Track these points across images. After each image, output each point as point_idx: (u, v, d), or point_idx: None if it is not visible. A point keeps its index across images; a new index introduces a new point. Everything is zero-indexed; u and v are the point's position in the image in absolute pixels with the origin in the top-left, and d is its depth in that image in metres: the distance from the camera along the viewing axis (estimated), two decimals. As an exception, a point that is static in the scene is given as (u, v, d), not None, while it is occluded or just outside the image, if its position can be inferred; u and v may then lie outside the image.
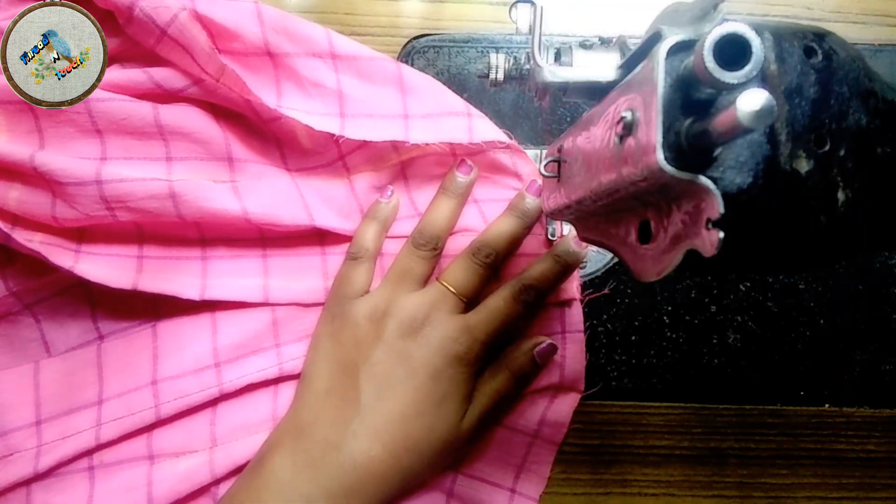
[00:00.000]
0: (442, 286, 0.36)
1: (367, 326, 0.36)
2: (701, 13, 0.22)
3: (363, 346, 0.35)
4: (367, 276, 0.38)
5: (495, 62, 0.32)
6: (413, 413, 0.34)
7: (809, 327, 0.42)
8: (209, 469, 0.36)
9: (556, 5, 0.42)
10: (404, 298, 0.36)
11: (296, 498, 0.33)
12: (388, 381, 0.34)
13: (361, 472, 0.33)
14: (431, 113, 0.37)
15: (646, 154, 0.20)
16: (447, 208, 0.38)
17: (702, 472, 0.41)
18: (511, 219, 0.38)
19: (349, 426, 0.34)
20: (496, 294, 0.37)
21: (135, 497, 0.35)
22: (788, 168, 0.20)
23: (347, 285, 0.37)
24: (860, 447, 0.41)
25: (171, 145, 0.36)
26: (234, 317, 0.37)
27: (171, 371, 0.36)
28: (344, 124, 0.36)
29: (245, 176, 0.37)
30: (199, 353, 0.36)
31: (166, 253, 0.37)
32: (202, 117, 0.36)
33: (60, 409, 0.36)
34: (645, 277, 0.23)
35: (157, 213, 0.34)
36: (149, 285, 0.35)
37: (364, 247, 0.38)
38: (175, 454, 0.36)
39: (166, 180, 0.34)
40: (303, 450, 0.34)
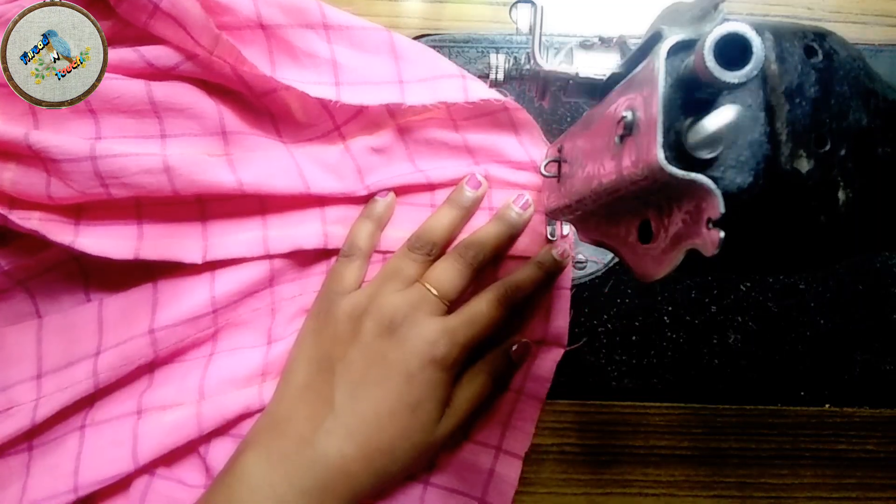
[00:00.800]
0: (424, 287, 0.36)
1: (346, 324, 0.36)
2: (701, 13, 0.22)
3: (341, 344, 0.35)
4: (358, 274, 0.38)
5: (495, 62, 0.32)
6: (386, 415, 0.34)
7: (810, 327, 0.42)
8: (196, 422, 0.36)
9: (556, 5, 0.42)
10: (386, 297, 0.36)
11: (268, 494, 0.33)
12: (363, 382, 0.34)
13: (334, 471, 0.33)
14: (426, 77, 0.37)
15: (646, 154, 0.20)
16: (448, 218, 0.38)
17: (702, 473, 0.41)
18: (499, 226, 0.38)
19: (323, 424, 0.34)
20: (478, 298, 0.36)
21: (120, 452, 0.35)
22: (789, 168, 0.20)
23: (337, 282, 0.37)
24: (860, 447, 0.41)
25: (165, 122, 0.36)
26: (233, 271, 0.37)
27: (169, 320, 0.36)
28: (339, 91, 0.36)
29: (239, 149, 0.37)
30: (197, 303, 0.36)
31: (166, 222, 0.37)
32: (195, 92, 0.36)
33: (60, 362, 0.36)
34: (645, 277, 0.23)
35: (153, 188, 0.34)
36: (150, 253, 0.35)
37: (357, 245, 0.38)
38: (162, 407, 0.36)
39: (160, 154, 0.34)
40: (277, 446, 0.34)
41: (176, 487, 0.36)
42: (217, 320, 0.37)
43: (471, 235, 0.38)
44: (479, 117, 0.39)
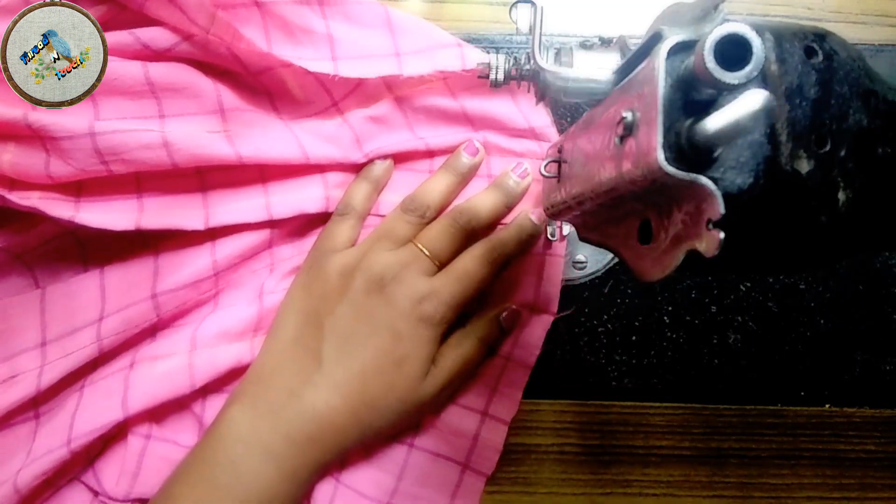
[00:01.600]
0: (415, 247, 0.36)
1: (336, 280, 0.36)
2: (701, 13, 0.22)
3: (330, 300, 0.36)
4: (351, 233, 0.38)
5: (495, 63, 0.32)
6: (372, 370, 0.34)
7: (810, 327, 0.42)
8: (188, 373, 0.36)
9: (556, 5, 0.42)
10: (376, 255, 0.36)
11: (255, 445, 0.33)
12: (350, 337, 0.35)
13: (320, 421, 0.34)
14: (422, 48, 0.38)
15: (646, 154, 0.20)
16: (444, 183, 0.38)
17: (702, 473, 0.41)
18: (495, 194, 0.38)
19: (311, 377, 0.34)
20: (464, 256, 0.37)
21: (110, 402, 0.35)
22: (789, 168, 0.20)
23: (329, 239, 0.38)
24: (861, 447, 0.41)
25: (163, 102, 0.36)
26: (234, 238, 0.38)
27: (171, 285, 0.36)
28: (337, 66, 0.36)
29: (238, 125, 0.37)
30: (199, 268, 0.37)
31: (166, 194, 0.37)
32: (192, 72, 0.36)
33: (64, 330, 0.36)
34: (646, 278, 0.23)
35: (152, 163, 0.34)
36: (152, 222, 0.36)
37: (351, 205, 0.38)
38: (154, 358, 0.36)
39: (159, 130, 0.34)
40: (263, 398, 0.34)
41: (172, 449, 0.37)
42: (218, 283, 0.38)
43: (466, 201, 0.38)
44: (477, 87, 0.39)
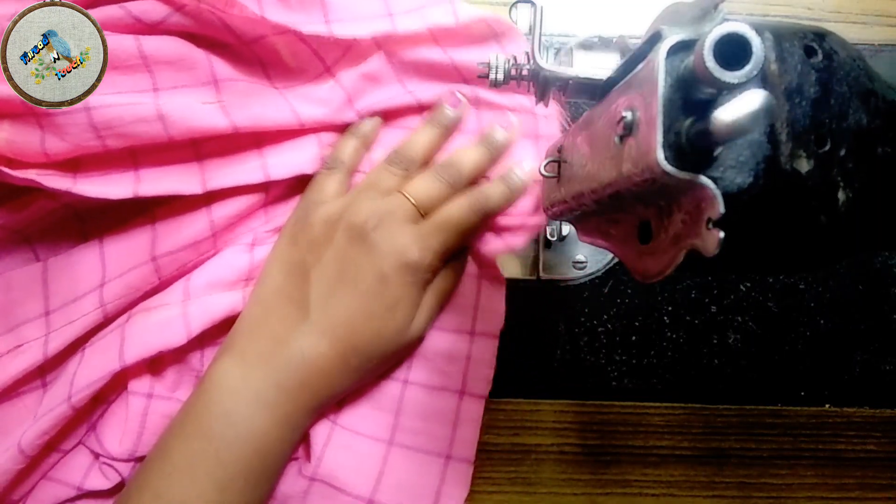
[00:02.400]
0: (401, 195, 0.36)
1: (321, 229, 0.36)
2: (701, 13, 0.22)
3: (316, 248, 0.36)
4: (338, 186, 0.38)
5: (495, 62, 0.32)
6: (361, 317, 0.35)
7: (810, 327, 0.42)
8: (183, 323, 0.36)
9: (556, 5, 0.42)
10: (361, 203, 0.36)
11: (246, 394, 0.33)
12: (337, 284, 0.35)
13: (310, 366, 0.34)
14: (414, 7, 0.38)
15: (646, 154, 0.20)
16: (428, 137, 0.38)
17: (702, 473, 0.41)
18: (481, 149, 0.38)
19: (299, 325, 0.35)
20: (450, 203, 0.37)
21: (107, 355, 0.35)
22: (789, 168, 0.20)
23: (316, 191, 0.38)
24: (860, 447, 0.41)
25: (156, 76, 0.36)
26: (231, 200, 0.38)
27: (170, 247, 0.37)
28: (330, 29, 0.37)
29: (232, 95, 0.37)
30: (197, 230, 0.37)
31: (162, 165, 0.37)
32: (185, 45, 0.36)
33: (67, 298, 0.37)
34: (645, 278, 0.23)
35: (148, 136, 0.34)
36: (149, 189, 0.36)
37: (339, 159, 0.38)
38: (147, 309, 0.37)
39: (154, 103, 0.34)
40: (253, 348, 0.35)
41: (175, 406, 0.37)
42: (216, 243, 0.38)
43: (451, 155, 0.38)
44: (467, 41, 0.39)
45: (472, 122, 0.40)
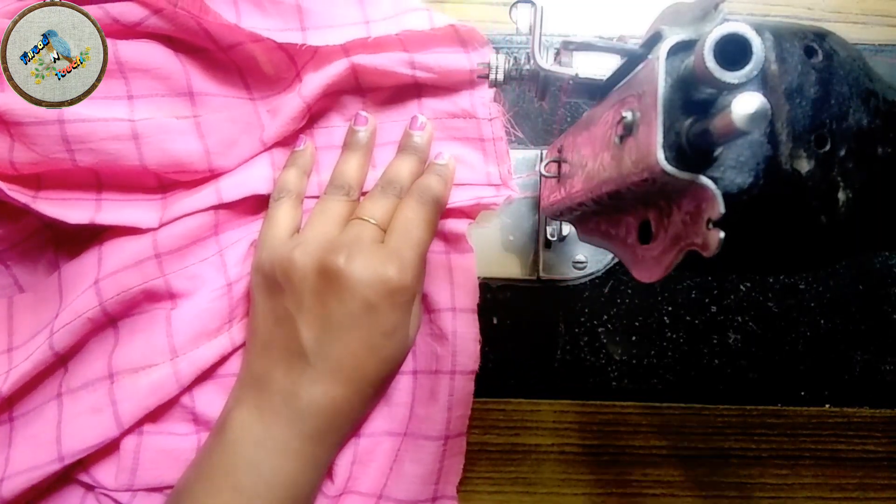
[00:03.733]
0: (361, 220, 0.36)
1: (293, 274, 0.35)
2: (701, 13, 0.22)
3: (293, 295, 0.35)
4: (293, 214, 0.38)
5: (495, 62, 0.32)
6: (362, 351, 0.34)
7: (810, 327, 0.42)
8: (175, 379, 0.36)
9: (556, 5, 0.42)
10: (325, 238, 0.36)
11: (271, 445, 0.33)
12: (328, 326, 0.34)
13: (326, 413, 0.34)
14: (391, 15, 0.38)
15: (646, 154, 0.20)
16: (354, 162, 0.39)
17: (702, 473, 0.41)
18: (410, 156, 0.39)
19: (303, 376, 0.34)
20: (400, 210, 0.37)
21: (102, 418, 0.35)
22: (789, 168, 0.20)
23: (274, 226, 0.38)
24: (860, 447, 0.41)
25: (131, 83, 0.35)
26: (177, 223, 0.37)
27: (112, 269, 0.36)
28: (306, 36, 0.37)
29: (207, 110, 0.37)
30: (139, 249, 0.36)
31: (126, 193, 0.37)
32: (162, 51, 0.36)
33: (29, 334, 0.37)
34: (645, 278, 0.23)
35: (118, 155, 0.34)
36: (107, 218, 0.36)
37: (286, 188, 0.38)
38: (134, 370, 0.36)
39: (129, 120, 0.34)
40: (266, 403, 0.34)
41: (167, 439, 0.37)
42: (163, 267, 0.37)
43: (389, 171, 0.39)
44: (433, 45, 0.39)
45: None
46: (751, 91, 0.17)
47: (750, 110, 0.16)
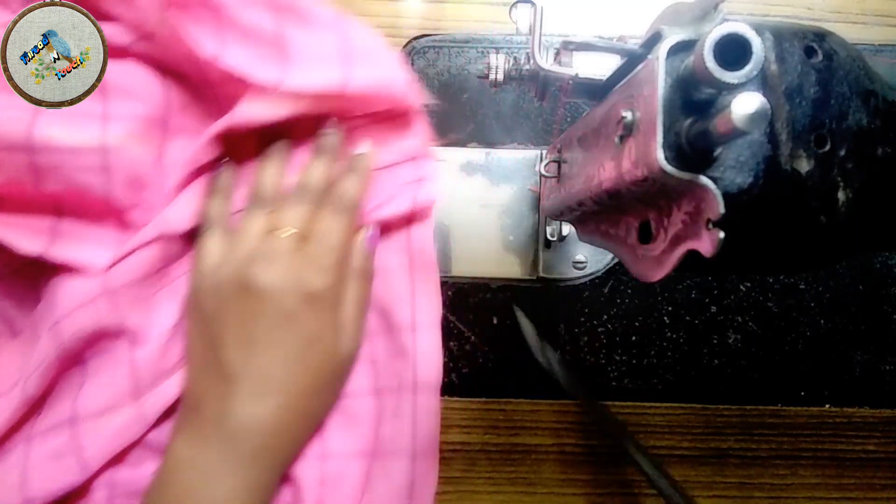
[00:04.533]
0: (278, 230, 0.36)
1: (214, 296, 0.35)
2: (701, 13, 0.22)
3: (218, 316, 0.35)
4: (220, 243, 0.38)
5: (495, 62, 0.32)
6: (289, 362, 0.34)
7: (810, 327, 0.42)
8: (141, 420, 0.36)
9: (556, 6, 0.42)
10: (245, 256, 0.36)
11: (208, 470, 0.33)
12: (251, 341, 0.34)
13: (257, 432, 0.33)
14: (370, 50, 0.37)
15: (646, 154, 0.20)
16: (272, 170, 0.39)
17: (702, 473, 0.41)
18: (322, 158, 0.39)
19: (232, 396, 0.34)
20: (318, 218, 0.37)
21: (66, 463, 0.35)
22: (789, 168, 0.20)
23: (202, 259, 0.37)
24: (861, 447, 0.41)
25: (109, 104, 0.35)
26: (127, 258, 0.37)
27: (66, 309, 0.35)
28: (283, 75, 0.36)
29: (174, 147, 0.37)
30: (90, 287, 0.36)
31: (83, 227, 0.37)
32: (147, 77, 0.36)
33: (14, 380, 0.36)
34: (645, 278, 0.23)
35: (86, 186, 0.34)
36: (59, 254, 0.35)
37: (211, 217, 0.38)
38: (100, 413, 0.36)
39: (101, 149, 0.34)
40: (200, 429, 0.34)
41: (141, 479, 0.36)
42: (117, 305, 0.36)
43: (301, 177, 0.38)
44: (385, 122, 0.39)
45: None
46: (750, 91, 0.17)
47: (750, 110, 0.16)
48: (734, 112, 0.16)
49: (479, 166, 0.43)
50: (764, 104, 0.16)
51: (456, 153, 0.43)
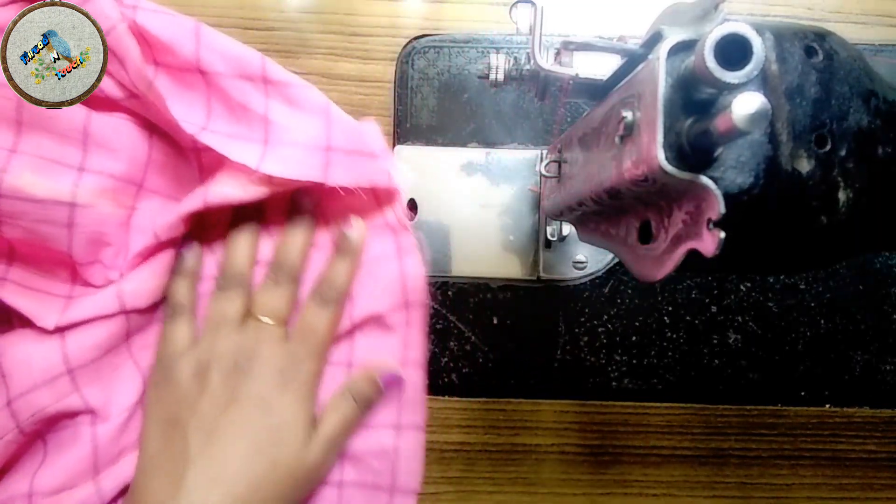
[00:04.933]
0: (257, 320, 0.35)
1: (190, 383, 0.34)
2: (702, 13, 0.22)
3: (189, 402, 0.34)
4: (188, 330, 0.36)
5: (495, 63, 0.32)
6: (249, 452, 0.32)
7: (810, 327, 0.42)
8: (97, 498, 0.34)
9: (556, 6, 0.42)
10: (223, 343, 0.35)
11: None
12: (218, 426, 0.33)
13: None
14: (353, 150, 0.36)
15: (647, 154, 0.20)
16: (244, 247, 0.37)
17: (702, 473, 0.41)
18: (296, 232, 0.37)
19: (182, 481, 0.32)
20: (304, 311, 0.36)
21: None
22: (789, 168, 0.20)
23: (169, 344, 0.36)
24: (861, 447, 0.41)
25: (88, 156, 0.34)
26: (85, 329, 0.35)
27: (23, 388, 0.34)
28: (265, 152, 0.35)
29: (144, 208, 0.36)
30: (49, 365, 0.35)
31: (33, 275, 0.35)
32: (132, 134, 0.35)
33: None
34: (646, 278, 0.23)
35: (47, 238, 0.33)
36: (6, 297, 0.34)
37: (178, 302, 0.37)
38: (56, 491, 0.35)
39: (69, 204, 0.33)
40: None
41: None
42: (77, 383, 0.35)
43: (278, 254, 0.37)
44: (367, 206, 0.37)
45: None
46: (751, 91, 0.17)
47: (750, 110, 0.16)
48: (735, 112, 0.16)
49: (480, 166, 0.43)
50: (764, 104, 0.16)
51: (456, 153, 0.43)
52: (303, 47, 0.43)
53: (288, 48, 0.41)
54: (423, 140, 0.43)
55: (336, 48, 0.44)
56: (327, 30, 0.44)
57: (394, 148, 0.43)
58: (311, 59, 0.43)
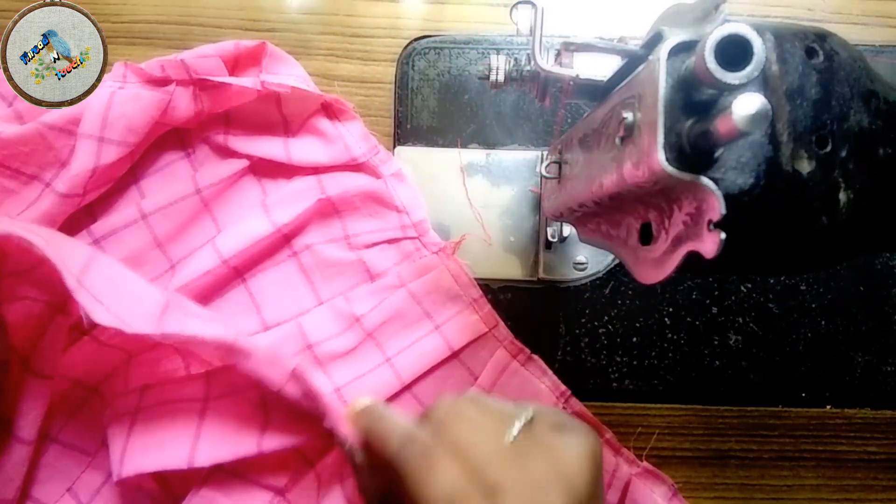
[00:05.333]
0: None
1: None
2: (702, 14, 0.22)
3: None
4: None
5: (496, 64, 0.32)
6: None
7: (811, 329, 0.42)
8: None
9: (556, 7, 0.42)
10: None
11: None
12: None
13: None
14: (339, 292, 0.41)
15: (647, 155, 0.20)
16: None
17: (703, 474, 0.41)
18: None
19: None
20: None
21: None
22: (790, 169, 0.20)
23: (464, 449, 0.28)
24: (861, 449, 0.41)
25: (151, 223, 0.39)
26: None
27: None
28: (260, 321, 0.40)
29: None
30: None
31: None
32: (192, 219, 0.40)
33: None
34: (647, 279, 0.23)
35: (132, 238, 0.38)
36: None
37: (412, 440, 0.29)
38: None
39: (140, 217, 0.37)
40: None
41: None
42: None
43: None
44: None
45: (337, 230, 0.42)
46: (752, 92, 0.17)
47: (751, 111, 0.16)
48: (735, 113, 0.16)
49: (480, 167, 0.43)
50: (765, 105, 0.16)
51: (456, 154, 0.43)
52: (303, 48, 0.43)
53: (289, 49, 0.41)
54: (424, 141, 0.43)
55: (336, 49, 0.44)
56: (328, 31, 0.44)
57: (394, 149, 0.43)
58: (312, 60, 0.43)
